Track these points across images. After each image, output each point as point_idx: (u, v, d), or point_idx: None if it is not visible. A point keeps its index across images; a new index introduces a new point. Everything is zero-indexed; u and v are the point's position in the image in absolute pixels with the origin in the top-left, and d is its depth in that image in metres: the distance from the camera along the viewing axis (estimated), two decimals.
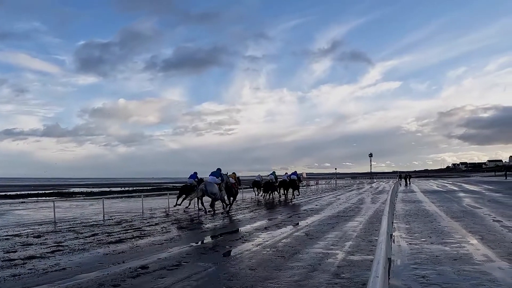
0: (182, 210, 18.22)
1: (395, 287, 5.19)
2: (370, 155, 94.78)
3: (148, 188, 63.07)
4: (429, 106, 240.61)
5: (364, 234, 9.93)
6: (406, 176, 56.55)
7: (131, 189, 58.08)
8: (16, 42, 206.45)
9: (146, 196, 26.85)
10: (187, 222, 13.68)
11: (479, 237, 8.86)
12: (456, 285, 5.28)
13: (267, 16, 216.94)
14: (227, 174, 18.43)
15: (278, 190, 27.98)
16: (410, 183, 50.24)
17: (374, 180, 78.28)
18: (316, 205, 20.40)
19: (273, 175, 27.79)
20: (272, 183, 26.79)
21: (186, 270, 6.55)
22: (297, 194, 28.82)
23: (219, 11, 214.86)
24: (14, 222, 14.62)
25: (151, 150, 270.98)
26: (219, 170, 17.53)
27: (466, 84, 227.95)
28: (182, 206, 19.07)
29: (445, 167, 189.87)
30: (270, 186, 26.65)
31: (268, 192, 26.85)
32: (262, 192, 27.32)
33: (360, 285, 5.39)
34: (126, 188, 63.92)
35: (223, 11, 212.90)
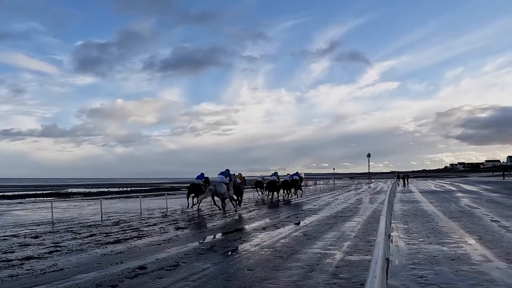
0: (182, 210, 18.21)
1: (393, 287, 5.21)
2: (368, 155, 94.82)
3: (146, 188, 63.11)
4: (427, 106, 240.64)
5: (362, 234, 9.94)
6: (404, 176, 56.53)
7: (129, 189, 58.09)
8: (14, 42, 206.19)
9: (144, 196, 26.83)
10: (185, 223, 13.66)
11: (477, 237, 8.88)
12: (454, 285, 5.29)
13: (265, 16, 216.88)
14: (235, 174, 19.10)
15: (280, 190, 28.35)
16: (408, 183, 50.26)
17: (372, 180, 78.41)
18: (314, 205, 20.41)
19: (275, 176, 27.97)
20: (275, 183, 27.10)
21: (184, 270, 6.54)
22: (300, 194, 29.08)
23: (217, 12, 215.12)
24: (12, 223, 14.60)
25: (149, 150, 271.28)
26: (228, 170, 18.21)
27: (463, 84, 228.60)
28: (196, 207, 18.55)
29: (443, 167, 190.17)
30: (273, 185, 26.94)
31: (271, 191, 27.16)
32: (266, 191, 27.84)
33: (358, 285, 5.40)
34: (124, 188, 63.92)
35: (221, 12, 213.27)
